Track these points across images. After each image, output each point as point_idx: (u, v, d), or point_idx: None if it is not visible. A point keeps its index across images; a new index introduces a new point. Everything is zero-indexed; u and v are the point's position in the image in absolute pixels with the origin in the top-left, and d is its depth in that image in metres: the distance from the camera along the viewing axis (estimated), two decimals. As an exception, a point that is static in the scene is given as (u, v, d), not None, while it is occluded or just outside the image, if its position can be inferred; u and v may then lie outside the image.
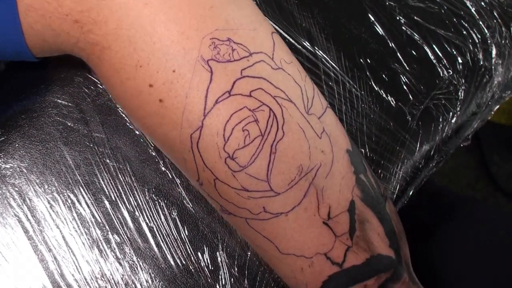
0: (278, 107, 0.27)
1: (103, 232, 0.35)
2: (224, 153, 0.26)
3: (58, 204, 0.35)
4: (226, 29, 0.26)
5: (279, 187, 0.27)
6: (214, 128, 0.26)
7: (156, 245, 0.36)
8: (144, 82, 0.26)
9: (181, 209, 0.36)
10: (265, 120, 0.26)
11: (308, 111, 0.28)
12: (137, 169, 0.36)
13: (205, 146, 0.27)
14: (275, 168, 0.27)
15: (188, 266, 0.36)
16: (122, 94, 0.28)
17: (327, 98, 0.40)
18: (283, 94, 0.27)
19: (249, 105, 0.26)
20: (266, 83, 0.27)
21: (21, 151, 0.35)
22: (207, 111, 0.26)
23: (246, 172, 0.27)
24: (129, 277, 0.35)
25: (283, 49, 0.29)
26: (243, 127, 0.26)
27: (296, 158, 0.27)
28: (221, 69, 0.26)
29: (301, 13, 0.41)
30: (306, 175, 0.28)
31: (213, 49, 0.26)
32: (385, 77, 0.41)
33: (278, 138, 0.27)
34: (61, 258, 0.34)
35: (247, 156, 0.26)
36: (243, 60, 0.26)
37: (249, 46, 0.27)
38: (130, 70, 0.27)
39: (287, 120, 0.27)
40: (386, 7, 0.43)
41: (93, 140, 0.36)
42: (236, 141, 0.26)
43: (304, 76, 0.29)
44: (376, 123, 0.41)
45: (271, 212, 0.28)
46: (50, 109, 0.36)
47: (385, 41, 0.42)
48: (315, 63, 0.40)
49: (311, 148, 0.28)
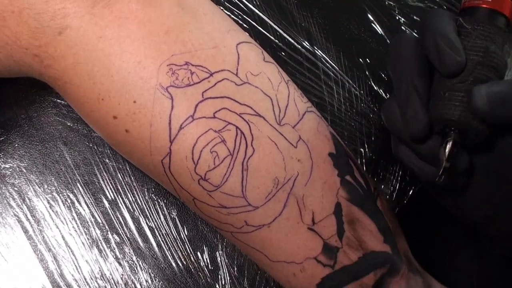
0: (245, 124, 0.27)
1: (102, 232, 0.35)
2: (196, 175, 0.27)
3: (57, 204, 0.35)
4: (183, 53, 0.26)
5: (256, 201, 0.27)
6: (182, 153, 0.26)
7: (156, 244, 0.36)
8: (108, 114, 0.27)
9: (181, 209, 0.36)
10: (232, 139, 0.26)
11: (281, 122, 0.28)
12: (137, 169, 0.36)
13: (177, 170, 0.27)
14: (249, 184, 0.27)
15: (188, 265, 0.36)
16: (92, 124, 0.29)
17: (327, 97, 0.40)
18: (250, 110, 0.27)
19: (214, 127, 0.26)
20: (230, 102, 0.27)
21: (20, 151, 0.35)
22: (172, 137, 0.26)
23: (220, 191, 0.27)
24: (128, 277, 0.35)
25: (250, 60, 0.28)
26: (211, 149, 0.26)
27: (270, 172, 0.27)
28: (181, 95, 0.26)
29: (301, 12, 0.41)
30: (283, 186, 0.28)
31: (171, 75, 0.26)
32: (384, 77, 0.41)
33: (249, 155, 0.27)
34: (60, 258, 0.34)
35: (219, 176, 0.27)
36: (203, 82, 0.26)
37: (209, 66, 0.27)
38: (93, 103, 0.27)
39: (256, 136, 0.27)
40: (386, 6, 0.43)
41: (92, 140, 0.36)
42: (205, 163, 0.26)
43: (277, 84, 0.29)
44: (376, 122, 0.41)
45: (253, 225, 0.28)
46: (50, 109, 0.36)
47: (384, 41, 0.42)
48: (315, 62, 0.40)
49: (286, 159, 0.28)
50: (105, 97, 0.26)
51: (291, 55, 0.40)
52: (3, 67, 0.28)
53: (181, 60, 0.26)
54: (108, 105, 0.26)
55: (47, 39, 0.26)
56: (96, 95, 0.26)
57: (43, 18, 0.25)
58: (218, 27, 0.28)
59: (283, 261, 0.29)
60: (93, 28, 0.26)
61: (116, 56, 0.26)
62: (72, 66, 0.26)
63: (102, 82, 0.26)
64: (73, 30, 0.26)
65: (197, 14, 0.28)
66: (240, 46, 0.29)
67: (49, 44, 0.26)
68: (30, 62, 0.27)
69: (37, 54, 0.26)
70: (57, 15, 0.25)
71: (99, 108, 0.27)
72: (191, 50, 0.27)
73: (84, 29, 0.26)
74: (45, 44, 0.26)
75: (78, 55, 0.26)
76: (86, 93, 0.27)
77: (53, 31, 0.26)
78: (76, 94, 0.27)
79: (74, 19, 0.25)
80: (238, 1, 0.39)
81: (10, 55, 0.27)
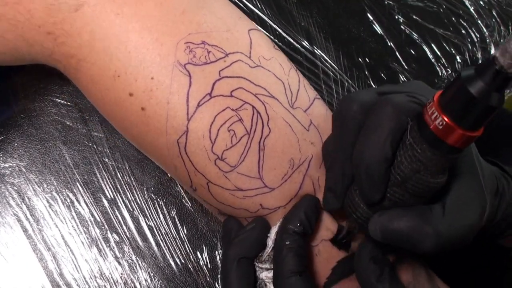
0: (261, 104, 0.27)
1: (102, 231, 0.35)
2: (213, 155, 0.26)
3: (57, 203, 0.35)
4: (199, 32, 0.27)
5: (273, 182, 0.27)
6: (199, 131, 0.26)
7: (155, 244, 0.36)
8: (123, 91, 0.26)
9: (180, 208, 0.36)
10: (249, 118, 0.26)
11: (293, 105, 0.28)
12: (136, 168, 0.36)
13: (193, 150, 0.27)
14: (266, 164, 0.27)
15: (187, 265, 0.36)
16: (103, 105, 0.28)
17: (326, 97, 0.40)
18: (265, 91, 0.27)
19: (231, 105, 0.26)
20: (246, 82, 0.27)
21: (20, 150, 0.35)
22: (190, 115, 0.26)
23: (237, 171, 0.27)
24: (128, 276, 0.35)
25: (262, 45, 0.29)
26: (228, 128, 0.26)
27: (286, 152, 0.27)
28: (199, 72, 0.26)
29: (300, 12, 0.41)
30: (298, 167, 0.28)
31: (189, 53, 0.26)
32: (384, 76, 0.41)
33: (265, 135, 0.27)
34: (60, 257, 0.35)
35: (236, 156, 0.26)
36: (219, 61, 0.26)
37: (224, 47, 0.27)
38: (108, 81, 0.27)
39: (271, 116, 0.27)
40: (385, 6, 0.43)
41: (92, 139, 0.36)
42: (223, 142, 0.26)
43: (288, 70, 0.29)
44: (375, 122, 0.41)
45: (269, 208, 0.28)
46: (49, 108, 0.36)
47: (384, 40, 0.42)
48: (314, 62, 0.40)
49: (300, 141, 0.28)
50: (121, 74, 0.26)
51: (291, 55, 0.40)
52: (10, 50, 0.28)
53: (198, 39, 0.26)
54: (124, 82, 0.26)
55: (63, 15, 0.26)
56: (112, 72, 0.26)
57: None
58: (230, 13, 0.29)
59: None
60: (110, 4, 0.26)
61: (134, 32, 0.26)
62: (88, 43, 0.26)
63: (118, 58, 0.26)
64: (90, 7, 0.26)
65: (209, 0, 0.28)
66: (252, 32, 0.29)
67: (65, 20, 0.26)
68: (42, 40, 0.27)
69: (51, 32, 0.26)
70: None
71: (114, 86, 0.27)
72: (207, 30, 0.27)
73: (101, 6, 0.26)
74: (61, 20, 0.26)
75: (95, 32, 0.26)
76: (101, 70, 0.26)
77: (69, 7, 0.26)
78: (90, 71, 0.27)
79: None
80: (237, 0, 0.39)
81: (20, 35, 0.27)
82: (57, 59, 0.28)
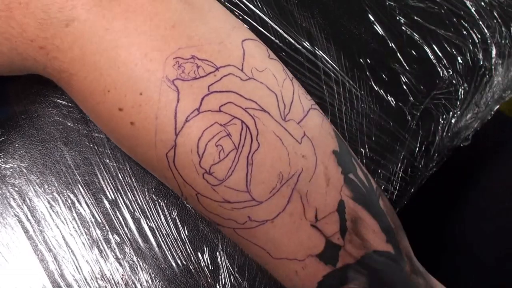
0: (250, 118, 0.27)
1: (103, 232, 0.35)
2: (201, 169, 0.27)
3: (58, 204, 0.35)
4: (189, 47, 0.26)
5: (261, 196, 0.27)
6: (187, 146, 0.26)
7: (156, 245, 0.36)
8: (113, 106, 0.27)
9: (181, 209, 0.36)
10: (237, 133, 0.26)
11: (285, 118, 0.28)
12: (137, 169, 0.36)
13: (181, 164, 0.27)
14: (254, 179, 0.27)
15: (188, 266, 0.36)
16: (96, 117, 0.29)
17: (327, 98, 0.40)
18: (255, 105, 0.27)
19: (219, 120, 0.26)
20: (236, 96, 0.27)
21: (21, 151, 0.35)
22: (178, 130, 0.26)
23: (225, 185, 0.27)
24: (129, 277, 0.35)
25: (255, 56, 0.29)
26: (216, 143, 0.26)
27: (275, 167, 0.27)
28: (187, 88, 0.26)
29: (301, 13, 0.41)
30: (287, 181, 0.28)
31: (178, 68, 0.26)
32: (385, 77, 0.41)
33: (254, 149, 0.27)
34: (61, 258, 0.34)
35: (224, 170, 0.26)
36: (209, 76, 0.26)
37: (215, 61, 0.27)
38: (99, 95, 0.27)
39: (261, 131, 0.27)
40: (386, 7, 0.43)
41: (93, 140, 0.36)
42: (210, 156, 0.26)
43: (282, 80, 0.29)
44: (376, 123, 0.41)
45: (257, 220, 0.28)
46: (50, 109, 0.36)
47: (385, 41, 0.42)
48: (315, 63, 0.40)
49: (290, 155, 0.28)
50: (111, 89, 0.26)
51: (292, 56, 0.40)
52: (6, 62, 0.28)
53: (187, 53, 0.26)
54: (114, 97, 0.26)
55: (54, 30, 0.26)
56: (102, 87, 0.26)
57: (50, 9, 0.25)
58: (224, 24, 0.29)
59: (285, 258, 0.29)
60: (100, 20, 0.26)
61: (123, 48, 0.26)
62: (78, 58, 0.26)
63: (108, 73, 0.26)
64: (81, 22, 0.26)
65: (202, 10, 0.28)
66: (246, 42, 0.29)
67: (56, 35, 0.26)
68: (35, 54, 0.27)
69: (43, 46, 0.26)
70: (65, 7, 0.25)
71: (104, 100, 0.27)
72: (197, 44, 0.27)
73: (91, 21, 0.26)
74: (52, 35, 0.26)
75: (85, 47, 0.26)
76: (92, 84, 0.27)
77: (60, 23, 0.26)
78: (81, 86, 0.27)
79: (82, 11, 0.26)
80: (238, 1, 0.39)
81: (14, 48, 0.27)
82: (50, 73, 0.28)
